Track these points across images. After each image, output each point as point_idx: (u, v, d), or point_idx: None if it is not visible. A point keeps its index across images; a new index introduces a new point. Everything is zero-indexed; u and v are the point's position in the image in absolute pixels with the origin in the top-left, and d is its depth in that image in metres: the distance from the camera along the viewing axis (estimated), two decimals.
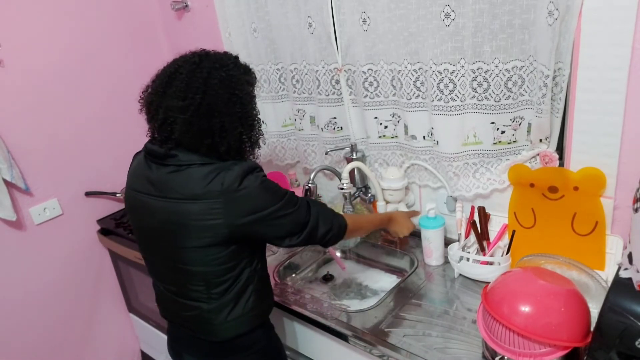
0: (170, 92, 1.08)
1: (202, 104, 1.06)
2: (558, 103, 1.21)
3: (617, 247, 1.23)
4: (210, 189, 1.06)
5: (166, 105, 1.08)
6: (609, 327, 0.85)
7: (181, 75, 1.08)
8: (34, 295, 1.95)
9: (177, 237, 1.12)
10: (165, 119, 1.09)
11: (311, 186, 1.56)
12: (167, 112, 1.08)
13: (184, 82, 1.07)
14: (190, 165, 1.09)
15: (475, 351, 1.13)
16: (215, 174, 1.07)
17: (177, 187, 1.09)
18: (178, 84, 1.07)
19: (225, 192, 1.06)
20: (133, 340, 2.37)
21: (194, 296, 1.18)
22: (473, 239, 1.40)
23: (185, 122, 1.07)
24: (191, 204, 1.08)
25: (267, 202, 1.10)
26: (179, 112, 1.06)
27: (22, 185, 1.81)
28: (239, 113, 1.11)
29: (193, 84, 1.06)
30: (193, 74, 1.07)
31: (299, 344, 1.51)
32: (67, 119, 1.94)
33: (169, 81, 1.09)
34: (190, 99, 1.05)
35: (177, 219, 1.10)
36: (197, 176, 1.08)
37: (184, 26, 2.08)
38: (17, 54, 1.78)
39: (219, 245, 1.11)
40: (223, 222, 1.07)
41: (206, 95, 1.06)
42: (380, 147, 1.63)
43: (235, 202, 1.07)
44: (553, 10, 1.11)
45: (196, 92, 1.06)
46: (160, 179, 1.12)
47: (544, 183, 1.29)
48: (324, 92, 1.65)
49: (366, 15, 1.43)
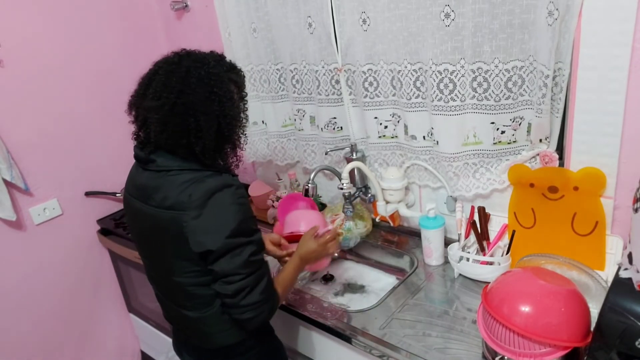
0: (148, 93, 1.06)
1: (177, 102, 1.03)
2: (558, 103, 1.21)
3: (617, 247, 1.23)
4: (180, 200, 1.05)
5: (144, 107, 1.07)
6: (609, 327, 0.85)
7: (159, 75, 1.07)
8: (34, 295, 1.95)
9: (157, 244, 1.13)
10: (144, 121, 1.09)
11: (311, 186, 1.56)
12: (145, 113, 1.07)
13: (161, 82, 1.05)
14: (168, 171, 1.08)
15: (475, 351, 1.13)
16: (187, 185, 1.05)
17: (154, 194, 1.09)
18: (156, 85, 1.06)
19: (191, 206, 1.03)
20: (133, 340, 2.37)
21: (180, 303, 1.18)
22: (473, 239, 1.40)
23: (160, 121, 1.04)
24: (164, 212, 1.07)
25: (224, 227, 1.03)
26: (154, 112, 1.05)
27: (22, 185, 1.81)
28: (217, 111, 1.06)
29: (170, 83, 1.04)
30: (171, 74, 1.05)
31: (299, 344, 1.51)
32: (67, 119, 1.95)
33: (149, 83, 1.08)
34: (164, 98, 1.03)
35: (156, 226, 1.10)
36: (171, 185, 1.07)
37: (183, 26, 2.08)
38: (17, 54, 1.78)
39: (189, 260, 1.08)
40: (187, 237, 1.05)
41: (182, 93, 1.03)
42: (380, 147, 1.63)
43: (198, 218, 1.03)
44: (553, 10, 1.11)
45: (172, 91, 1.03)
46: (143, 184, 1.12)
47: (544, 183, 1.29)
48: (323, 92, 1.65)
49: (366, 15, 1.43)
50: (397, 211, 1.65)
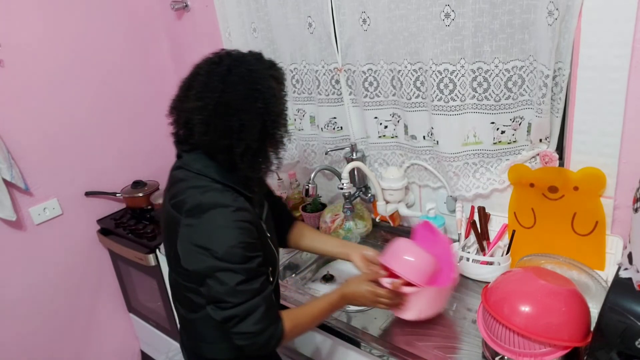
0: (190, 94, 1.03)
1: (220, 102, 0.99)
2: (558, 103, 1.21)
3: (617, 247, 1.23)
4: (181, 203, 1.04)
5: (186, 108, 1.04)
6: (609, 327, 0.85)
7: (200, 76, 1.03)
8: (34, 295, 1.95)
9: (167, 237, 1.14)
10: (186, 123, 1.06)
11: (311, 186, 1.56)
12: (187, 114, 1.04)
13: (202, 82, 1.02)
14: (188, 170, 1.07)
15: (475, 351, 1.13)
16: (193, 191, 1.03)
17: (171, 187, 1.10)
18: (197, 86, 1.03)
19: (185, 213, 1.02)
20: (133, 340, 2.37)
21: (176, 298, 1.20)
22: (473, 239, 1.40)
23: (203, 122, 1.01)
24: (170, 208, 1.08)
25: (215, 246, 0.98)
26: (197, 112, 1.01)
27: (22, 185, 1.81)
28: (260, 109, 1.01)
29: (211, 83, 1.01)
30: (212, 73, 1.02)
31: (299, 344, 1.51)
32: (67, 119, 1.95)
33: (190, 84, 1.05)
34: (207, 99, 1.00)
35: (165, 218, 1.12)
36: (183, 185, 1.06)
37: (183, 26, 2.08)
38: (17, 54, 1.78)
39: (178, 260, 1.06)
40: (177, 241, 1.04)
41: (224, 93, 0.99)
42: (380, 147, 1.63)
43: (187, 229, 1.01)
44: (553, 10, 1.11)
45: (214, 90, 1.00)
46: (170, 175, 1.13)
47: (544, 183, 1.29)
48: (323, 92, 1.65)
49: (366, 15, 1.43)
50: (397, 211, 1.65)
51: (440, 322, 1.24)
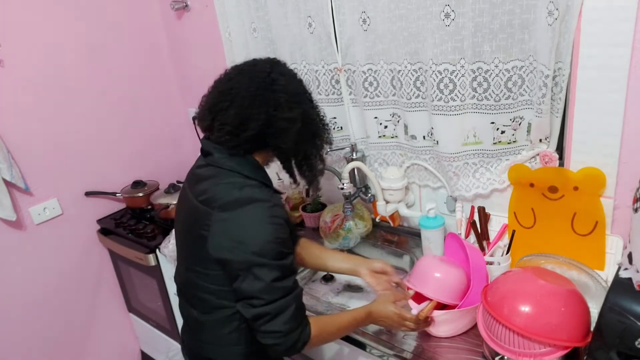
0: (272, 100, 1.04)
1: (306, 114, 1.10)
2: (558, 103, 1.21)
3: (617, 247, 1.23)
4: (214, 199, 1.04)
5: (280, 117, 1.05)
6: (609, 327, 0.85)
7: (282, 86, 1.06)
8: (34, 295, 1.95)
9: (186, 234, 1.13)
10: (266, 125, 1.05)
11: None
12: (279, 123, 1.05)
13: (286, 92, 1.06)
14: (220, 168, 1.07)
15: (475, 351, 1.13)
16: (227, 187, 1.04)
17: (198, 184, 1.09)
18: (280, 94, 1.05)
19: (222, 209, 1.02)
20: (133, 340, 2.37)
21: (188, 300, 1.18)
22: (473, 239, 1.39)
23: (296, 132, 1.07)
24: (198, 205, 1.07)
25: (252, 240, 0.98)
26: (289, 122, 1.06)
27: (22, 185, 1.81)
28: (302, 110, 1.11)
29: (297, 93, 1.09)
30: (291, 81, 1.10)
31: None
32: (67, 118, 1.95)
33: (269, 89, 1.05)
34: (298, 109, 1.07)
35: (189, 216, 1.11)
36: (215, 181, 1.06)
37: (183, 26, 2.08)
38: (17, 54, 1.78)
39: (202, 260, 1.06)
40: (206, 237, 1.03)
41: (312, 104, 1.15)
42: (380, 147, 1.63)
43: (222, 223, 1.01)
44: (553, 10, 1.11)
45: (303, 102, 1.10)
46: (196, 173, 1.13)
47: (544, 183, 1.29)
48: (323, 92, 1.65)
49: (366, 15, 1.43)
50: (397, 211, 1.65)
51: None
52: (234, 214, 1.01)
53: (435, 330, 1.18)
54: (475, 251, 1.21)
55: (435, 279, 1.18)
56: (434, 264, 1.22)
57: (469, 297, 1.14)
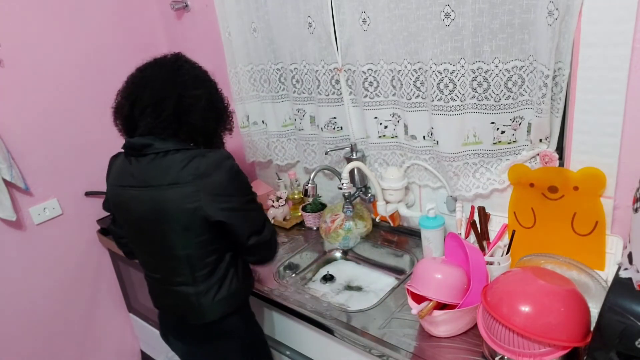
0: (179, 81, 1.20)
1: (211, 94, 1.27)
2: (558, 103, 1.21)
3: (617, 247, 1.23)
4: (186, 174, 1.15)
5: (188, 95, 1.20)
6: (609, 327, 0.85)
7: (186, 70, 1.24)
8: (34, 295, 1.95)
9: (161, 223, 1.19)
10: (141, 110, 1.20)
11: (311, 186, 1.56)
12: (179, 101, 1.19)
13: (191, 75, 1.23)
14: (166, 152, 1.18)
15: (475, 351, 1.13)
16: (188, 160, 1.16)
17: (157, 175, 1.17)
18: (185, 76, 1.22)
19: (199, 177, 1.15)
20: (133, 340, 2.37)
21: (180, 281, 1.25)
22: (473, 239, 1.39)
23: (204, 108, 1.22)
24: (170, 189, 1.16)
25: (238, 190, 1.20)
26: (196, 99, 1.21)
27: (22, 185, 1.81)
28: (208, 89, 1.28)
29: (200, 76, 1.26)
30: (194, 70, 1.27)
31: (299, 344, 1.51)
32: (67, 118, 1.95)
33: (175, 72, 1.22)
34: (202, 89, 1.23)
35: (160, 205, 1.18)
36: (173, 163, 1.17)
37: (183, 26, 2.08)
38: (17, 54, 1.78)
39: (199, 229, 1.18)
40: (199, 206, 1.15)
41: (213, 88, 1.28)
42: (380, 147, 1.63)
43: (209, 187, 1.15)
44: (553, 10, 1.11)
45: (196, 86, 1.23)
46: (141, 170, 1.20)
47: (544, 183, 1.29)
48: (323, 92, 1.65)
49: (366, 15, 1.43)
50: (397, 211, 1.65)
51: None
52: (213, 176, 1.16)
53: (435, 330, 1.18)
54: (475, 251, 1.21)
55: (435, 280, 1.18)
56: (433, 265, 1.22)
57: (468, 297, 1.14)
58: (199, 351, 1.34)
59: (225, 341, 1.32)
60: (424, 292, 1.17)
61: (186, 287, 1.25)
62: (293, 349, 1.54)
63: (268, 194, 1.95)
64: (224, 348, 1.32)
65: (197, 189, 1.14)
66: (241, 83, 1.87)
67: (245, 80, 1.86)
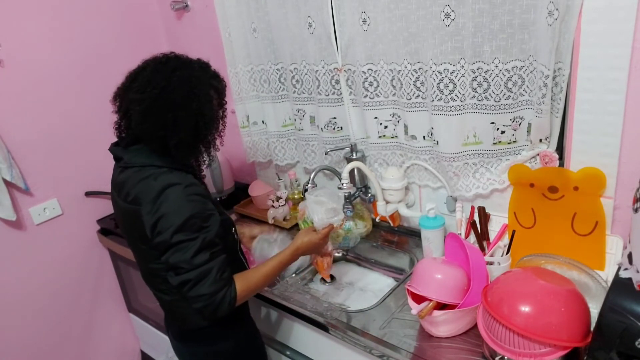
0: (134, 86, 1.15)
1: (159, 97, 1.11)
2: (558, 103, 1.21)
3: (617, 247, 1.23)
4: (137, 196, 1.14)
5: (128, 98, 1.16)
6: (609, 327, 0.85)
7: (146, 72, 1.15)
8: (34, 295, 1.95)
9: (132, 235, 1.22)
10: (126, 111, 1.18)
11: (311, 186, 1.56)
12: (128, 104, 1.16)
13: (147, 77, 1.14)
14: (132, 167, 1.17)
15: (475, 351, 1.13)
16: (145, 181, 1.13)
17: (123, 189, 1.18)
18: (141, 79, 1.14)
19: (145, 202, 1.12)
20: (133, 340, 2.37)
21: (158, 287, 1.26)
22: (473, 239, 1.39)
23: (141, 113, 1.13)
24: (129, 206, 1.16)
25: (175, 219, 1.09)
26: (137, 104, 1.13)
27: (22, 185, 1.81)
28: (195, 110, 1.14)
29: (155, 79, 1.13)
30: (157, 71, 1.14)
31: (299, 344, 1.51)
32: (67, 118, 1.95)
33: (135, 77, 1.17)
34: (148, 93, 1.12)
35: (127, 219, 1.19)
36: (133, 181, 1.16)
37: (183, 26, 2.08)
38: (17, 54, 1.78)
39: (154, 249, 1.14)
40: (145, 228, 1.12)
41: (164, 90, 1.11)
42: (380, 147, 1.63)
43: (151, 215, 1.10)
44: (553, 10, 1.11)
45: (155, 87, 1.11)
46: (117, 180, 1.22)
47: (544, 183, 1.29)
48: (323, 92, 1.65)
49: (366, 15, 1.43)
50: (397, 211, 1.65)
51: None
52: (157, 203, 1.10)
53: (435, 330, 1.18)
54: (475, 251, 1.21)
55: (435, 280, 1.18)
56: (433, 265, 1.23)
57: (469, 297, 1.14)
58: (198, 351, 1.33)
59: (221, 342, 1.31)
60: (424, 292, 1.17)
61: (162, 294, 1.27)
62: (293, 349, 1.54)
63: (268, 194, 1.95)
64: (219, 348, 1.32)
65: (143, 212, 1.11)
66: (241, 83, 1.87)
67: (245, 80, 1.86)
